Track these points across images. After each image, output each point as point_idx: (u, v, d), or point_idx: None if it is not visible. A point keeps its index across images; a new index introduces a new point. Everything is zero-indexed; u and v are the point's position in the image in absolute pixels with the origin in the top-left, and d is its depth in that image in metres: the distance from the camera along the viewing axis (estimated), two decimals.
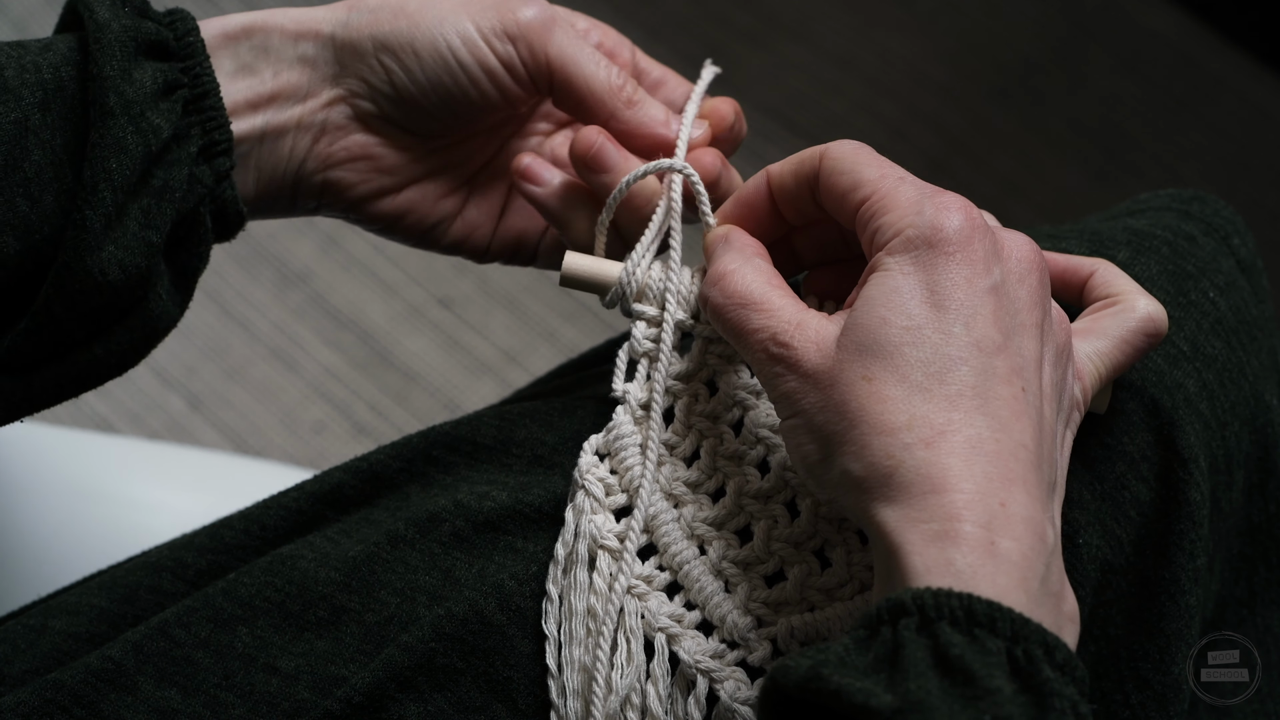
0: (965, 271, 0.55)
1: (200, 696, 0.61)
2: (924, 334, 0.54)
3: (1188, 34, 1.78)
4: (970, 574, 0.50)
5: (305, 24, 0.66)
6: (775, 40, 1.76)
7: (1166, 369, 0.64)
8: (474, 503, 0.64)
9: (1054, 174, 1.70)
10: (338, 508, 0.67)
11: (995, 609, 0.49)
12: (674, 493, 0.62)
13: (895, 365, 0.54)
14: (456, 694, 0.60)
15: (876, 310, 0.55)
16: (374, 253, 1.62)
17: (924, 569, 0.51)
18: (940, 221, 0.55)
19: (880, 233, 0.56)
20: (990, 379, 0.53)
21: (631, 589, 0.61)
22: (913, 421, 0.53)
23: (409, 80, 0.66)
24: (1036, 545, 0.52)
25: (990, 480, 0.52)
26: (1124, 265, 0.67)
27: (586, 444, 0.63)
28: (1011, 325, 0.55)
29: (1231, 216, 0.72)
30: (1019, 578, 0.51)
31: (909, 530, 0.51)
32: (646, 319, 0.64)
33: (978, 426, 0.53)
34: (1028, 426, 0.53)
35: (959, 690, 0.48)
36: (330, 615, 0.62)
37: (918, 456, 0.52)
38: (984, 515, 0.51)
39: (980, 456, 0.52)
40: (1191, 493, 0.63)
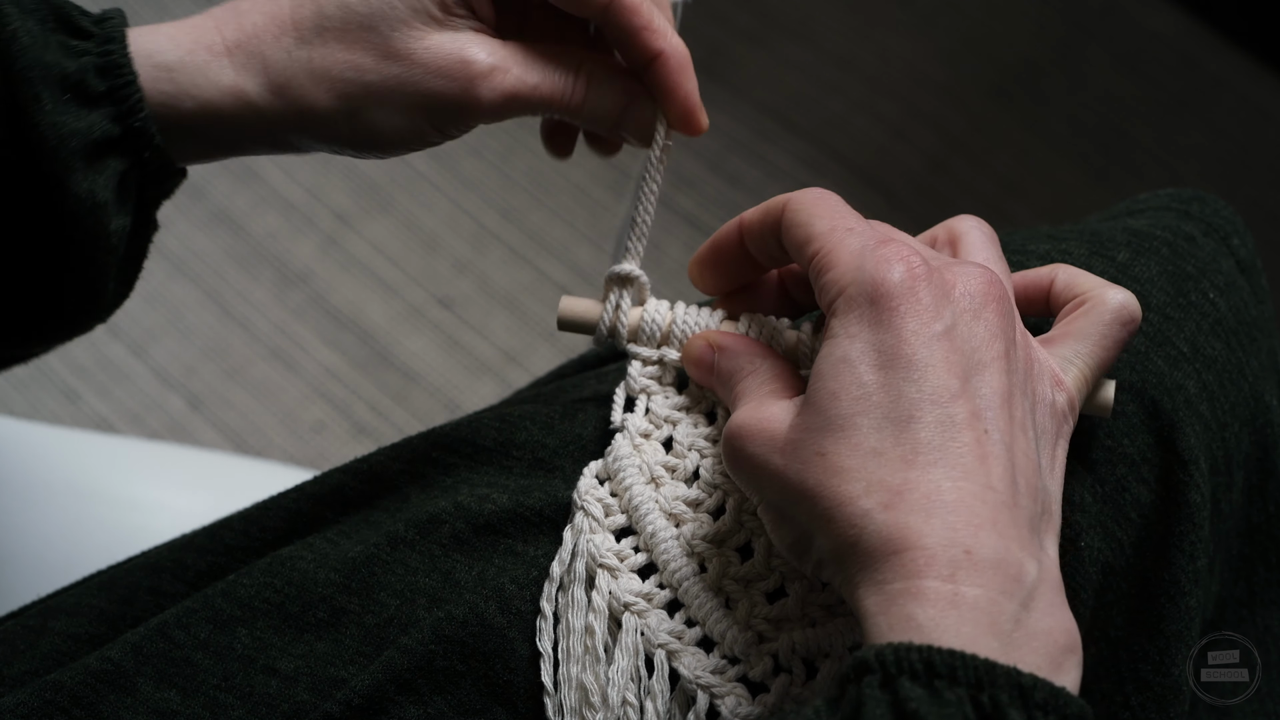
0: (912, 324, 0.54)
1: (199, 698, 0.61)
2: (874, 400, 0.53)
3: (1188, 34, 1.78)
4: (932, 626, 0.50)
5: None
6: (775, 40, 1.76)
7: (1166, 370, 0.64)
8: (474, 505, 0.64)
9: (1054, 174, 1.70)
10: (337, 509, 0.67)
11: (956, 658, 0.49)
12: (674, 511, 0.62)
13: (848, 436, 0.53)
14: (456, 697, 0.60)
15: (826, 385, 0.54)
16: (374, 253, 1.62)
17: (888, 628, 0.51)
18: (880, 275, 0.55)
19: (824, 291, 0.56)
20: (949, 429, 0.53)
21: (631, 606, 0.61)
22: (870, 488, 0.52)
23: None
24: (1008, 587, 0.51)
25: (953, 530, 0.51)
26: (1123, 265, 0.67)
27: (586, 469, 0.63)
28: (969, 366, 0.54)
29: (1231, 217, 0.72)
30: (987, 623, 0.50)
31: (874, 594, 0.51)
32: (641, 358, 0.64)
33: (935, 479, 0.52)
34: (994, 468, 0.53)
35: None
36: (330, 617, 0.62)
37: (877, 521, 0.52)
38: (947, 568, 0.51)
39: (939, 509, 0.52)
40: (1192, 494, 0.63)
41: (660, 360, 0.64)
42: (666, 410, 0.64)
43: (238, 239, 1.62)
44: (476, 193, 1.66)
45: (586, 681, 0.59)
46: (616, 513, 0.63)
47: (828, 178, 1.66)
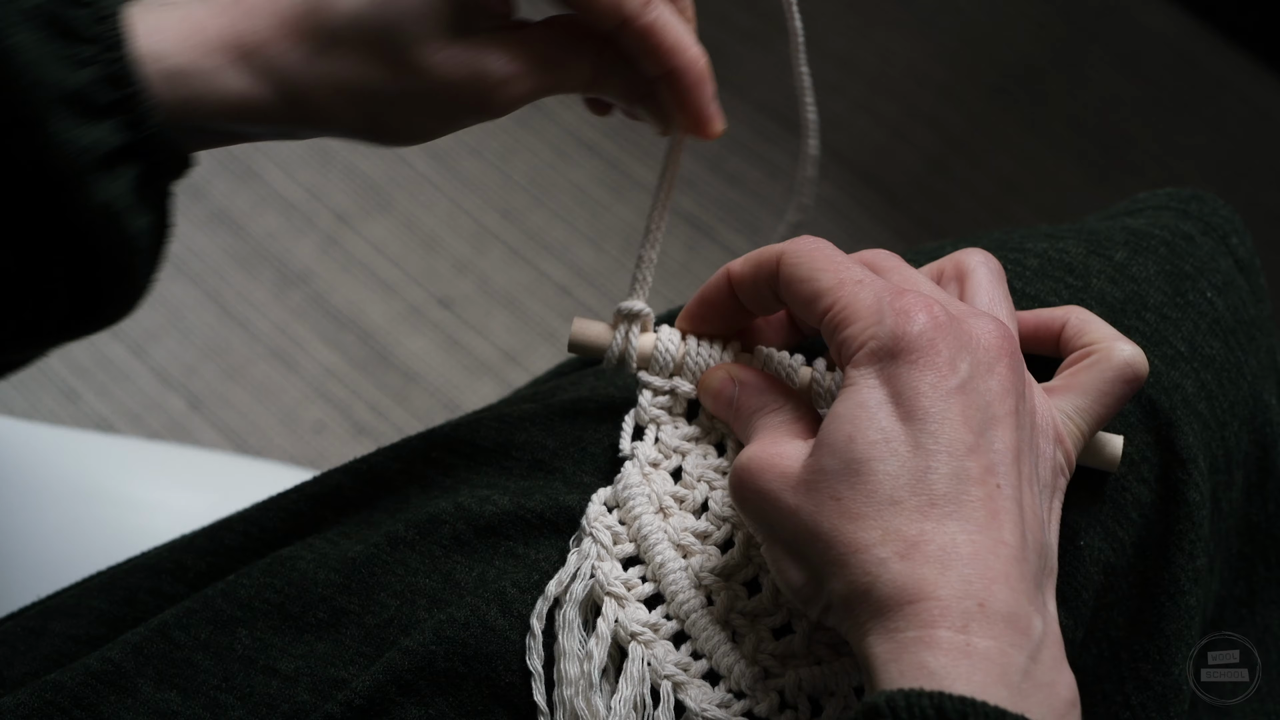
0: (930, 377, 0.54)
1: (200, 698, 0.61)
2: (892, 447, 0.54)
3: (1188, 34, 1.78)
4: (944, 674, 0.50)
5: None
6: (775, 40, 1.76)
7: (1164, 370, 0.64)
8: (475, 506, 0.64)
9: (1054, 174, 1.70)
10: (337, 509, 0.67)
11: (968, 705, 0.49)
12: (682, 543, 0.62)
13: (864, 482, 0.53)
14: (458, 698, 0.60)
15: (844, 429, 0.54)
16: (374, 253, 1.62)
17: (899, 674, 0.51)
18: (902, 329, 0.55)
19: (845, 345, 0.56)
20: (963, 482, 0.53)
21: (638, 636, 0.61)
22: (885, 537, 0.52)
23: None
24: (1018, 640, 0.51)
25: (967, 583, 0.52)
26: (1121, 264, 0.67)
27: (595, 496, 0.63)
28: (983, 421, 0.54)
29: (1230, 216, 0.72)
30: (997, 673, 0.50)
31: (885, 641, 0.52)
32: (652, 388, 0.64)
33: (951, 532, 0.52)
34: (1006, 522, 0.53)
35: None
36: (330, 617, 0.62)
37: (893, 570, 0.52)
38: (960, 619, 0.51)
39: (956, 561, 0.52)
40: (1191, 493, 0.63)
41: (672, 391, 0.64)
42: (676, 440, 0.64)
43: (238, 239, 1.62)
44: (476, 193, 1.66)
45: (580, 707, 0.59)
46: (625, 541, 0.62)
47: (828, 178, 1.66)
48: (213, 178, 1.64)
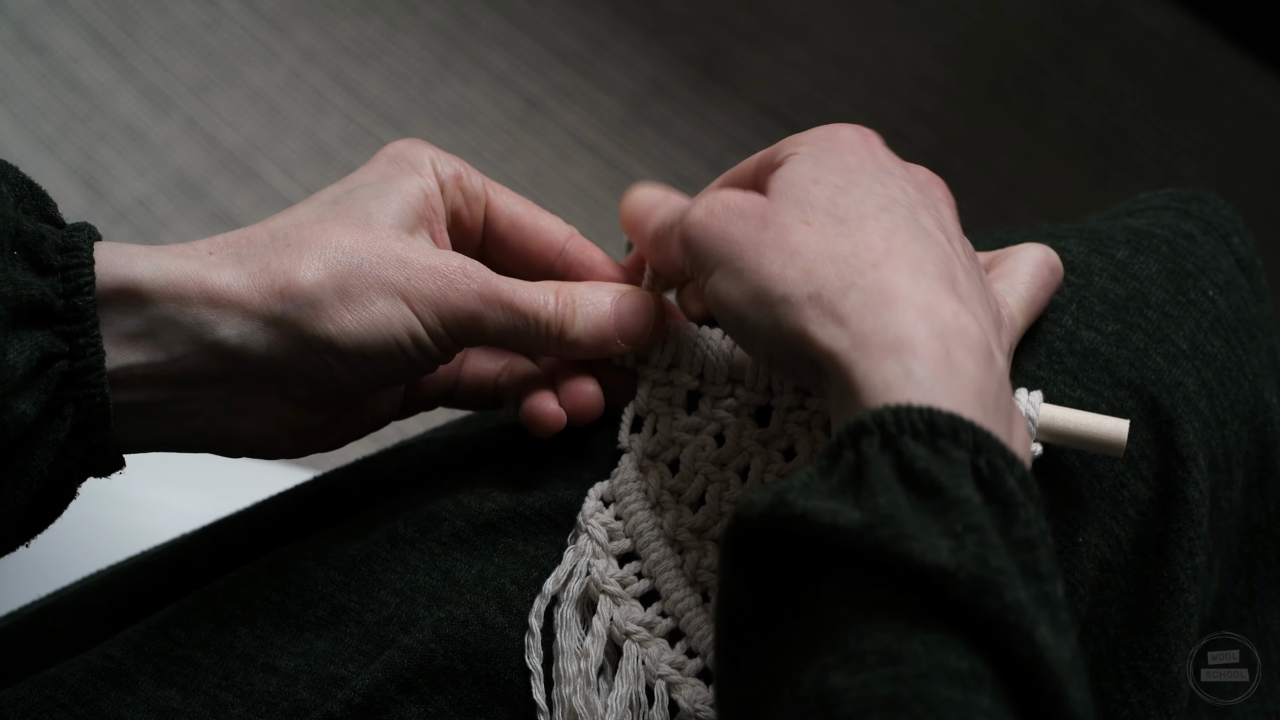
0: (865, 153, 0.58)
1: (200, 696, 0.61)
2: (851, 188, 0.56)
3: (1188, 34, 1.78)
4: (930, 384, 0.50)
5: (227, 305, 0.58)
6: (775, 40, 1.76)
7: (1165, 367, 0.64)
8: (474, 503, 0.64)
9: (1054, 174, 1.70)
10: (338, 508, 0.67)
11: (957, 421, 0.49)
12: (678, 539, 0.62)
13: (831, 211, 0.55)
14: (457, 696, 0.60)
15: (803, 172, 0.57)
16: None
17: (883, 385, 0.50)
18: (836, 129, 0.59)
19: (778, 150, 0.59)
20: (916, 221, 0.55)
21: (633, 635, 0.61)
22: (857, 249, 0.54)
23: (355, 377, 0.60)
24: (988, 362, 0.52)
25: (937, 294, 0.52)
26: (1123, 263, 0.67)
27: (591, 490, 0.63)
28: (922, 201, 0.57)
29: (1231, 215, 0.72)
30: (974, 391, 0.50)
31: (864, 345, 0.51)
32: (652, 380, 0.64)
33: (915, 251, 0.54)
34: (959, 273, 0.55)
35: (927, 503, 0.47)
36: (330, 615, 0.62)
37: (868, 277, 0.53)
38: (937, 325, 0.51)
39: (924, 276, 0.53)
40: (1190, 491, 0.63)
41: (670, 382, 0.64)
42: (675, 432, 0.64)
43: None
44: None
45: (578, 706, 0.59)
46: (621, 537, 0.62)
47: None
48: (213, 177, 1.65)
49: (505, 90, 1.71)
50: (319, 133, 1.67)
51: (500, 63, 1.72)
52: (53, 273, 0.56)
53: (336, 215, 0.61)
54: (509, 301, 0.61)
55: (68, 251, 0.56)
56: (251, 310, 0.58)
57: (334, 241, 0.59)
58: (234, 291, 0.58)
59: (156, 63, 1.72)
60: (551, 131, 1.67)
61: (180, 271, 0.57)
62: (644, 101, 1.67)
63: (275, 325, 0.58)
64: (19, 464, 0.55)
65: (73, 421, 0.56)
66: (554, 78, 1.71)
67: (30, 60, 1.71)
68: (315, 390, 0.60)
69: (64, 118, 1.67)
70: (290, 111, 1.69)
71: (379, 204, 0.61)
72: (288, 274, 0.58)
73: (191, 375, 0.58)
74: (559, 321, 0.62)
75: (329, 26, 1.75)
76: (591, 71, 1.71)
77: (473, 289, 0.60)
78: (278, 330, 0.58)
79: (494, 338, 0.61)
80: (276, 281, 0.58)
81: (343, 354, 0.58)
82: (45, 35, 1.72)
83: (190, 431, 0.60)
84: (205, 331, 0.57)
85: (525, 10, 1.76)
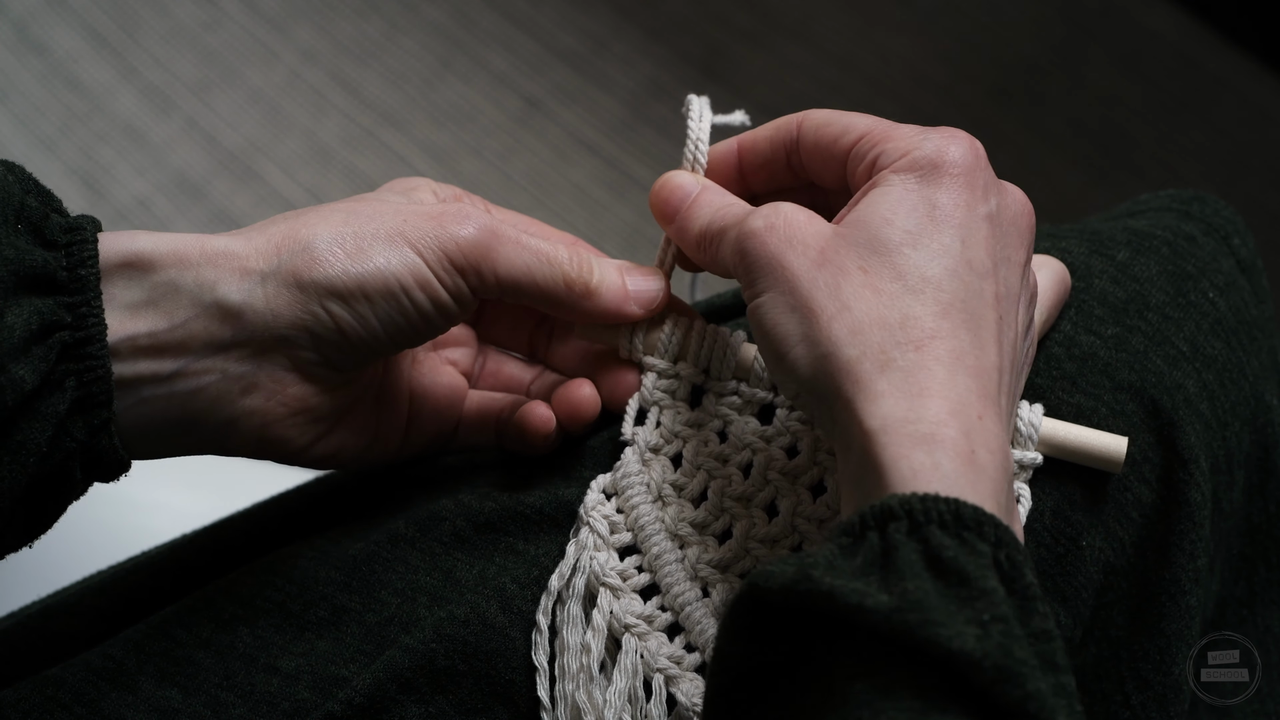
0: (966, 195, 0.56)
1: (201, 696, 0.61)
2: (923, 240, 0.55)
3: (1188, 34, 1.78)
4: (955, 478, 0.51)
5: (225, 261, 0.58)
6: (775, 40, 1.76)
7: (1166, 370, 0.64)
8: (475, 502, 0.64)
9: (1054, 174, 1.70)
10: (338, 509, 0.67)
11: (981, 514, 0.49)
12: (679, 533, 0.62)
13: (893, 263, 0.55)
14: (458, 696, 0.60)
15: (879, 211, 0.56)
16: None
17: (910, 473, 0.51)
18: (945, 147, 0.57)
19: (884, 156, 0.58)
20: (978, 299, 0.55)
21: (632, 628, 0.61)
22: (906, 320, 0.54)
23: (361, 326, 0.59)
24: (1004, 464, 0.53)
25: (970, 393, 0.53)
26: (1123, 264, 0.67)
27: (594, 483, 0.63)
28: (1000, 256, 0.56)
29: (1231, 217, 0.72)
30: (992, 489, 0.51)
31: (895, 431, 0.52)
32: (657, 371, 0.64)
33: (962, 340, 0.54)
34: (1005, 354, 0.55)
35: (954, 591, 0.48)
36: (331, 615, 0.62)
37: (909, 357, 0.53)
38: (965, 424, 0.52)
39: (962, 369, 0.53)
40: (1192, 493, 0.63)
41: (676, 375, 0.64)
42: (678, 426, 0.64)
43: None
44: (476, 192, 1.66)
45: (580, 700, 0.59)
46: (622, 530, 0.62)
47: None
48: (213, 178, 1.64)
49: (505, 90, 1.71)
50: (319, 133, 1.67)
51: (500, 63, 1.72)
52: (57, 248, 0.56)
53: (336, 206, 0.62)
54: (517, 239, 0.61)
55: (72, 231, 0.56)
56: (250, 266, 0.58)
57: (333, 207, 0.60)
58: (232, 249, 0.58)
59: (156, 63, 1.72)
60: (551, 131, 1.67)
61: (180, 239, 0.58)
62: (644, 101, 1.67)
63: (274, 276, 0.58)
64: (17, 438, 0.54)
65: (73, 395, 0.55)
66: (554, 78, 1.71)
67: (30, 60, 1.71)
68: (322, 351, 0.59)
69: (64, 118, 1.67)
70: (290, 111, 1.69)
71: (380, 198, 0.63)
72: (285, 232, 0.59)
73: (196, 341, 0.57)
74: (576, 266, 0.62)
75: (329, 26, 1.75)
76: (591, 71, 1.71)
77: (478, 224, 0.60)
78: (276, 281, 0.58)
79: (506, 277, 0.60)
80: (273, 238, 0.59)
81: (345, 298, 0.58)
82: (45, 35, 1.72)
83: (195, 411, 0.58)
84: (206, 291, 0.57)
85: (525, 10, 1.76)
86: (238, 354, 0.58)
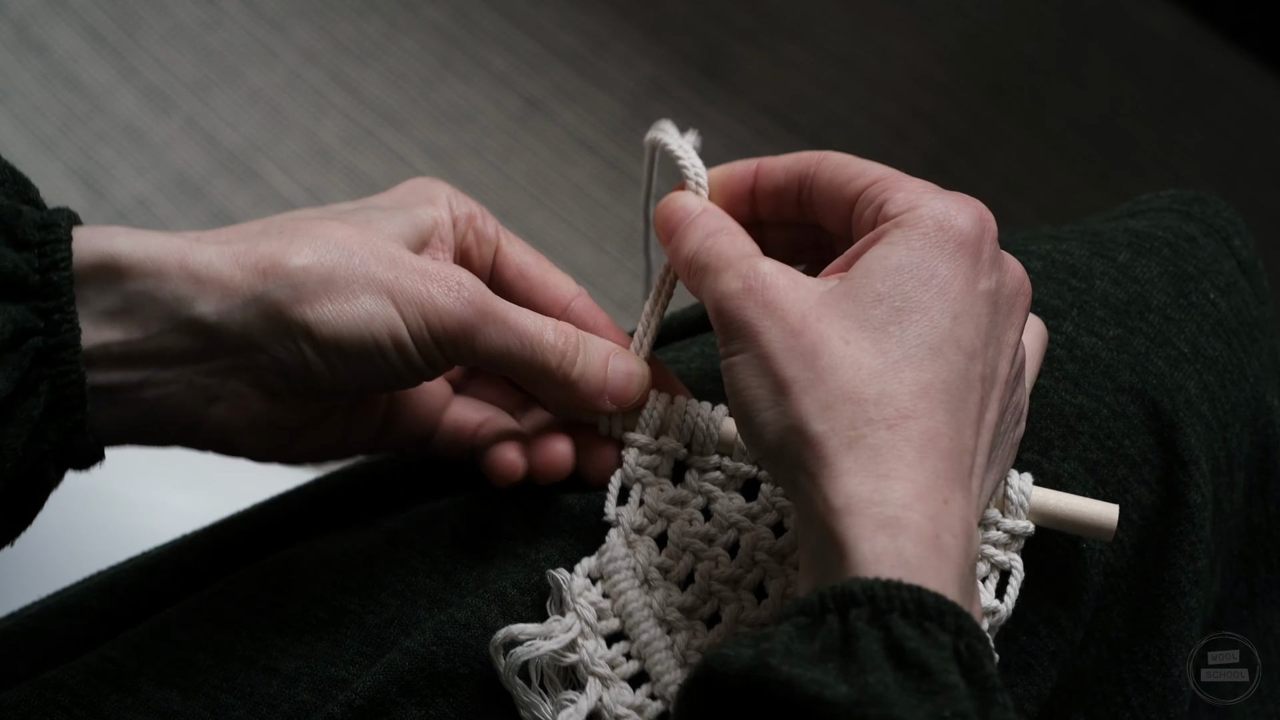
0: (967, 268, 0.55)
1: (200, 698, 0.61)
2: (913, 317, 0.54)
3: (1188, 34, 1.78)
4: (918, 564, 0.50)
5: (207, 281, 0.57)
6: (775, 40, 1.75)
7: (1167, 371, 0.64)
8: (474, 504, 0.64)
9: (1054, 174, 1.70)
10: (338, 510, 0.67)
11: (943, 602, 0.49)
12: (667, 618, 0.61)
13: (877, 339, 0.53)
14: (458, 699, 0.60)
15: (874, 283, 0.54)
16: None
17: (873, 557, 0.50)
18: (955, 212, 0.55)
19: (891, 204, 0.56)
20: (961, 379, 0.54)
21: (623, 719, 0.59)
22: (882, 398, 0.52)
23: (329, 372, 0.58)
24: (968, 547, 0.52)
25: (938, 476, 0.52)
26: (1124, 266, 0.67)
27: (579, 566, 0.61)
28: (991, 337, 0.55)
29: (1232, 217, 0.72)
30: (955, 574, 0.51)
31: (859, 512, 0.51)
32: (639, 446, 0.63)
33: (938, 420, 0.53)
34: (982, 437, 0.54)
35: (915, 684, 0.47)
36: (330, 617, 0.62)
37: (880, 436, 0.52)
38: (930, 508, 0.51)
39: (934, 451, 0.52)
40: (1192, 495, 0.63)
41: (659, 450, 0.63)
42: (661, 504, 0.62)
43: None
44: (476, 193, 1.66)
45: None
46: (609, 616, 0.61)
47: None
48: (213, 178, 1.64)
49: (505, 90, 1.71)
50: (319, 133, 1.67)
51: (500, 63, 1.72)
52: (29, 248, 0.55)
53: (337, 217, 0.60)
54: (503, 319, 0.59)
55: (45, 229, 0.55)
56: (232, 288, 0.57)
57: (327, 234, 0.58)
58: (215, 268, 0.57)
59: (156, 63, 1.72)
60: (551, 131, 1.67)
61: (161, 247, 0.57)
62: (644, 101, 1.67)
63: (255, 304, 0.57)
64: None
65: (47, 400, 0.54)
66: (554, 78, 1.71)
67: (30, 60, 1.71)
68: (289, 383, 0.58)
69: (64, 118, 1.67)
70: (290, 111, 1.69)
71: (385, 217, 0.61)
72: (273, 256, 0.57)
73: (167, 353, 0.57)
74: (559, 353, 0.60)
75: (329, 26, 1.75)
76: (591, 71, 1.71)
77: (465, 298, 0.58)
78: (256, 309, 0.57)
79: (485, 355, 0.59)
80: (261, 261, 0.57)
81: (319, 344, 0.57)
82: (45, 35, 1.72)
83: (161, 417, 0.58)
84: (183, 307, 0.56)
85: (525, 10, 1.76)
86: (206, 367, 0.58)
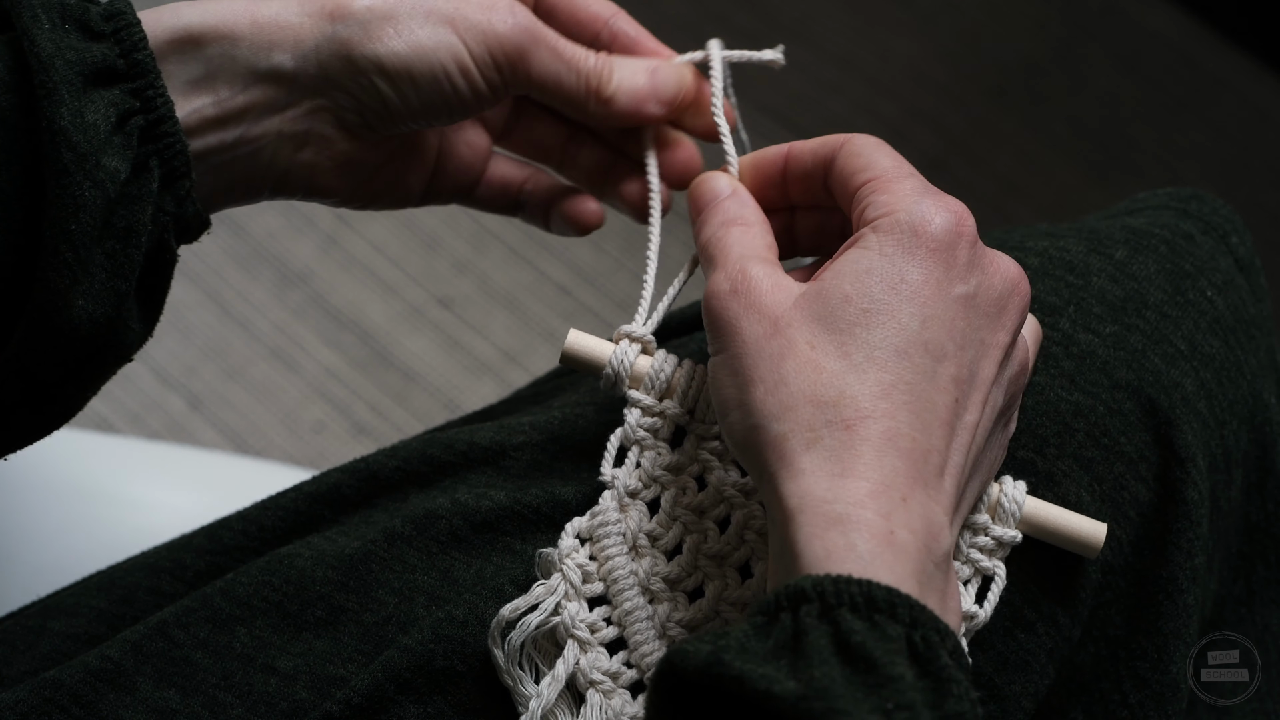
0: (939, 273, 0.55)
1: (199, 697, 0.61)
2: (879, 319, 0.54)
3: (1188, 34, 1.78)
4: (870, 559, 0.50)
5: (279, 32, 0.61)
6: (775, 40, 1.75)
7: (1164, 368, 0.64)
8: (472, 502, 0.64)
9: (1054, 174, 1.70)
10: (336, 508, 0.67)
11: (894, 595, 0.49)
12: (651, 588, 0.61)
13: (841, 342, 0.54)
14: (457, 697, 0.60)
15: (843, 286, 0.55)
16: (374, 253, 1.62)
17: (824, 553, 0.51)
18: (931, 216, 0.56)
19: (871, 208, 0.57)
20: (928, 381, 0.54)
21: (597, 684, 0.59)
22: (841, 399, 0.53)
23: (402, 102, 0.62)
24: (930, 543, 0.52)
25: (897, 475, 0.52)
26: (1121, 263, 0.67)
27: (569, 525, 0.62)
28: (969, 339, 0.55)
29: (1230, 215, 0.72)
30: (913, 567, 0.51)
31: (812, 510, 0.52)
32: (641, 407, 0.63)
33: (900, 421, 0.53)
34: (958, 435, 0.54)
35: (861, 678, 0.48)
36: (328, 615, 0.62)
37: (837, 437, 0.53)
38: (886, 506, 0.51)
39: (893, 450, 0.53)
40: (1189, 492, 0.63)
41: (661, 413, 0.63)
42: (657, 470, 0.62)
43: (238, 239, 1.62)
44: None
45: None
46: (594, 580, 0.61)
47: None
48: None
49: None
50: None
51: None
52: (105, 38, 0.57)
53: None
54: (553, 45, 0.64)
55: (113, 18, 0.58)
56: (303, 35, 0.61)
57: None
58: (283, 19, 0.61)
59: None
60: None
61: (228, 9, 0.61)
62: None
63: (326, 46, 0.61)
64: (123, 224, 0.56)
65: (159, 173, 0.58)
66: None
67: None
68: (365, 118, 0.63)
69: None
70: None
71: None
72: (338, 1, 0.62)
73: (255, 108, 0.61)
74: (597, 74, 0.66)
75: None
76: None
77: (519, 23, 0.63)
78: (329, 50, 0.61)
79: (538, 80, 0.64)
80: (326, 5, 0.61)
81: (390, 76, 0.61)
82: None
83: (257, 171, 0.62)
84: (260, 61, 0.61)
85: None
86: (291, 115, 0.62)
